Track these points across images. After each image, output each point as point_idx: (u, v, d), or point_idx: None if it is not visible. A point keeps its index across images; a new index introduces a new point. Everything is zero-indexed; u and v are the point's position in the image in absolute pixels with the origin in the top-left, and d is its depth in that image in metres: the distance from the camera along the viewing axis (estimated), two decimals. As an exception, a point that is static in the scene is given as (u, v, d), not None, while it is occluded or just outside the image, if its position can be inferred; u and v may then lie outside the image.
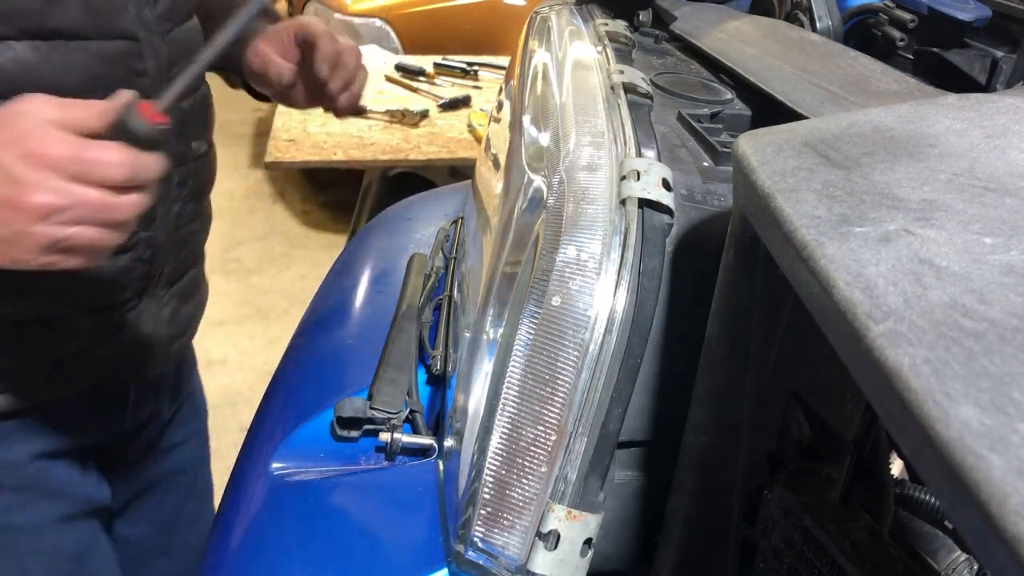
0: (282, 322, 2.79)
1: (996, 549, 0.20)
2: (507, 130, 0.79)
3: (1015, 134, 0.39)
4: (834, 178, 0.36)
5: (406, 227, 1.04)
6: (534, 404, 0.49)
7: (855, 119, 0.43)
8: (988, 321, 0.25)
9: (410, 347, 0.67)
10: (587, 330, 0.48)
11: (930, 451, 0.23)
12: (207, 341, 2.68)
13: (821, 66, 0.66)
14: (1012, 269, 0.28)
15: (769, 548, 0.50)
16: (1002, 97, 0.44)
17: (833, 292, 0.29)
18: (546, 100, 0.68)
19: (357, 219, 2.50)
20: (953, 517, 0.23)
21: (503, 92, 0.98)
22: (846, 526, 0.45)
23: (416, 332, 0.68)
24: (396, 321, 0.69)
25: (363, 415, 0.61)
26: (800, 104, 0.58)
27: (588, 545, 0.49)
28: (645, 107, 0.64)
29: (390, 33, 3.27)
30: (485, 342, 0.56)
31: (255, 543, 0.59)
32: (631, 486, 0.56)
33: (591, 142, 0.57)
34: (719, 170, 0.58)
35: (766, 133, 0.43)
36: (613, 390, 0.48)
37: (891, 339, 0.26)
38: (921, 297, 0.27)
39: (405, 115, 2.24)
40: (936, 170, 0.35)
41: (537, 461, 0.49)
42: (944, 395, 0.23)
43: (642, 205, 0.51)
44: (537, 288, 0.50)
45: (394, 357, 0.65)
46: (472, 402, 0.55)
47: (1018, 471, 0.21)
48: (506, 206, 0.64)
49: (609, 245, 0.50)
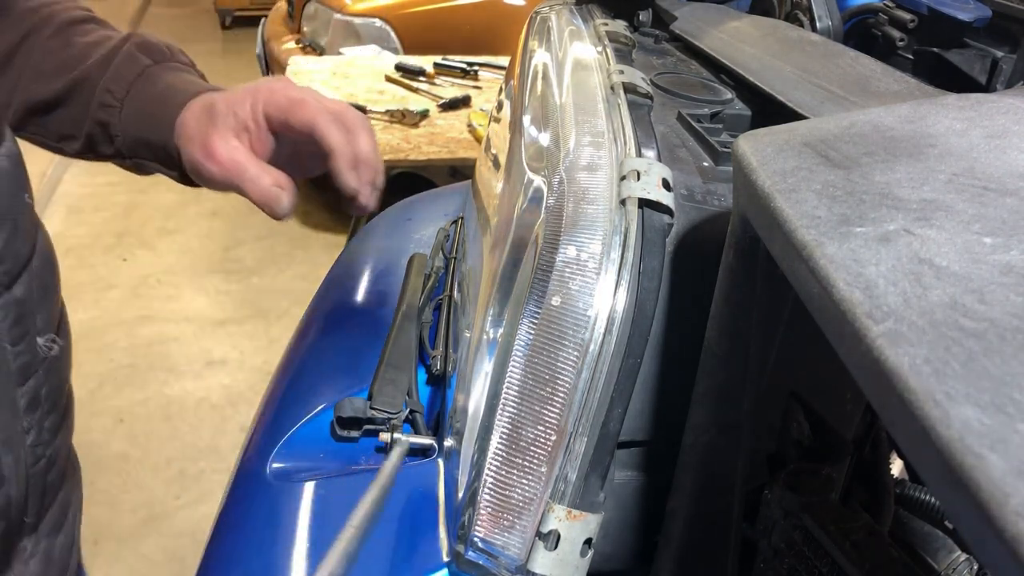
0: (282, 322, 2.79)
1: (996, 549, 0.20)
2: (507, 130, 0.79)
3: (1015, 134, 0.39)
4: (834, 178, 0.36)
5: (406, 227, 1.04)
6: (534, 404, 0.49)
7: (855, 119, 0.42)
8: (988, 321, 0.25)
9: (410, 347, 0.66)
10: (587, 330, 0.48)
11: (930, 451, 0.23)
12: (207, 341, 2.69)
13: (821, 66, 0.66)
14: (1012, 269, 0.28)
15: (769, 548, 0.50)
16: (1002, 97, 0.44)
17: (833, 292, 0.29)
18: (546, 100, 0.68)
19: (357, 219, 2.50)
20: (953, 517, 0.23)
21: (503, 92, 0.98)
22: (846, 526, 0.45)
23: (416, 332, 0.68)
24: (396, 321, 0.69)
25: (363, 415, 0.61)
26: (800, 104, 0.58)
27: (588, 545, 0.49)
28: (645, 107, 0.64)
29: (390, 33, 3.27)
30: (485, 342, 0.56)
31: (255, 543, 0.59)
32: (631, 486, 0.56)
33: (591, 142, 0.57)
34: (719, 170, 0.58)
35: (766, 133, 0.43)
36: (613, 390, 0.48)
37: (891, 339, 0.26)
38: (921, 297, 0.27)
39: (405, 115, 2.24)
40: (936, 170, 0.35)
41: (537, 461, 0.49)
42: (944, 395, 0.23)
43: (642, 205, 0.51)
44: (537, 288, 0.50)
45: (394, 357, 0.65)
46: (472, 402, 0.55)
47: (1018, 471, 0.21)
48: (506, 206, 0.64)
49: (609, 245, 0.50)
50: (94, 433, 2.27)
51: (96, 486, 2.14)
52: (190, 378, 2.54)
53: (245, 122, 0.60)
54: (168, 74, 0.65)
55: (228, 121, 0.59)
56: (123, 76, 0.65)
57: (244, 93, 0.60)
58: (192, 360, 2.62)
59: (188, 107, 0.62)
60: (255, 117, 0.60)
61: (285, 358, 0.83)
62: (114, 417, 2.34)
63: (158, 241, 3.25)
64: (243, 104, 0.60)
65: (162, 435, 2.31)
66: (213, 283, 2.99)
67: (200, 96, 0.62)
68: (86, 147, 0.68)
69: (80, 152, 0.68)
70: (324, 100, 0.60)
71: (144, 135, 0.64)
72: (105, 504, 2.09)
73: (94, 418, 2.32)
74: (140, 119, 0.64)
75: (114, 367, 2.54)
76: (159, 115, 0.63)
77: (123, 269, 3.10)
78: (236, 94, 0.61)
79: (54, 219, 3.40)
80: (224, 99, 0.60)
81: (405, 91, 2.46)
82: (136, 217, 3.39)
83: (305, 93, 0.60)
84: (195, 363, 2.61)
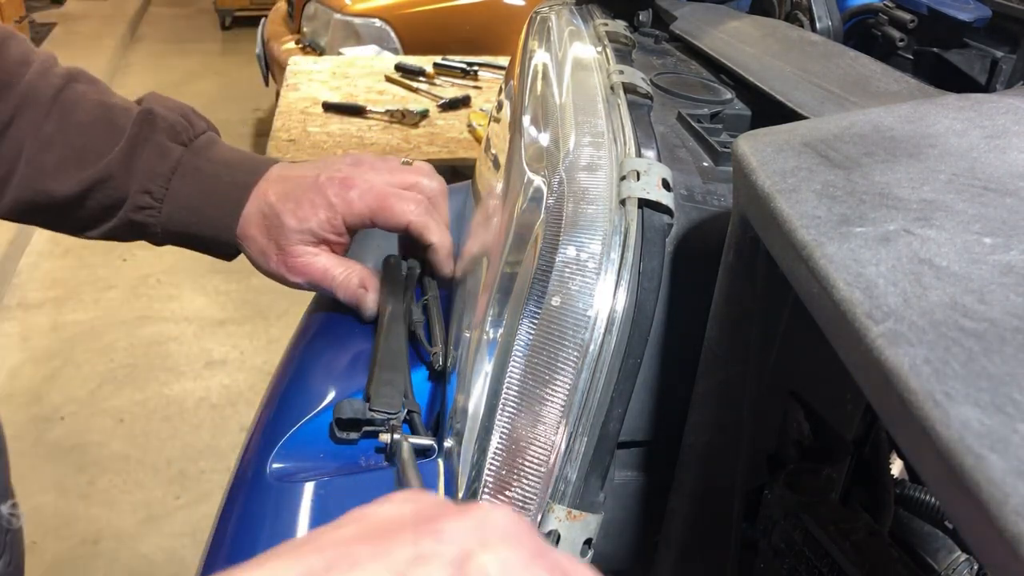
0: (282, 322, 2.80)
1: (996, 549, 0.20)
2: (507, 130, 0.79)
3: (1015, 134, 0.39)
4: (834, 178, 0.36)
5: (406, 227, 1.04)
6: (534, 404, 0.49)
7: (855, 119, 0.42)
8: (988, 321, 0.25)
9: (401, 346, 0.66)
10: (587, 330, 0.48)
11: (930, 451, 0.23)
12: (207, 341, 2.70)
13: (821, 66, 0.66)
14: (1012, 269, 0.28)
15: (769, 548, 0.50)
16: (1002, 97, 0.44)
17: (833, 292, 0.29)
18: (546, 100, 0.68)
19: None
20: (953, 517, 0.23)
21: (503, 92, 0.98)
22: (846, 526, 0.45)
23: (406, 330, 0.68)
24: (383, 323, 0.68)
25: (362, 417, 0.61)
26: (800, 104, 0.58)
27: (588, 545, 0.49)
28: (645, 107, 0.64)
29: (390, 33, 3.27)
30: (485, 342, 0.56)
31: (255, 543, 0.59)
32: (631, 486, 0.56)
33: (591, 142, 0.57)
34: (719, 170, 0.58)
35: (766, 133, 0.43)
36: (613, 390, 0.48)
37: (891, 339, 0.26)
38: (921, 297, 0.27)
39: (405, 115, 2.25)
40: (936, 170, 0.35)
41: (537, 461, 0.49)
42: (944, 395, 0.23)
43: (642, 205, 0.51)
44: (537, 288, 0.50)
45: (387, 357, 0.65)
46: (472, 402, 0.55)
47: (1018, 471, 0.21)
48: (506, 206, 0.64)
49: (609, 245, 0.50)
50: (94, 433, 2.27)
51: (96, 486, 2.14)
52: (190, 378, 2.54)
53: (323, 236, 0.60)
54: (203, 160, 0.63)
55: (305, 238, 0.59)
56: (158, 173, 0.61)
57: (315, 206, 0.58)
58: (192, 360, 2.62)
59: (246, 214, 0.60)
60: (336, 230, 0.59)
61: (285, 358, 0.83)
62: (114, 417, 2.34)
63: (158, 241, 3.25)
64: (316, 215, 0.58)
65: (162, 435, 2.31)
66: (213, 283, 2.99)
67: (257, 196, 0.60)
68: (107, 236, 0.64)
69: (98, 238, 0.65)
70: (401, 188, 0.58)
71: (191, 231, 0.63)
72: (105, 504, 2.09)
73: (94, 418, 2.32)
74: (185, 216, 0.62)
75: (114, 367, 2.54)
76: (209, 213, 0.62)
77: (123, 269, 3.10)
78: (303, 206, 0.58)
79: (54, 219, 3.40)
80: (291, 212, 0.58)
81: (405, 91, 2.46)
82: (136, 217, 3.38)
83: (380, 187, 0.58)
84: (195, 363, 2.61)
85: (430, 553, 0.25)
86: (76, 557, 1.97)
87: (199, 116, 0.67)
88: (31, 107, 0.61)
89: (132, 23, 5.98)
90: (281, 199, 0.60)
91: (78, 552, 1.98)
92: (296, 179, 0.61)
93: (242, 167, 0.63)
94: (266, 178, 0.63)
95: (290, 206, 0.59)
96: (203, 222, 0.62)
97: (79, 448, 2.23)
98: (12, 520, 0.57)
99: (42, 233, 3.30)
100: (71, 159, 0.61)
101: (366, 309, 0.62)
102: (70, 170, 0.61)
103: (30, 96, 0.62)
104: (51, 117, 0.62)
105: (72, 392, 2.43)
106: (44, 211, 0.62)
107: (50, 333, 2.69)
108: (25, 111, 0.61)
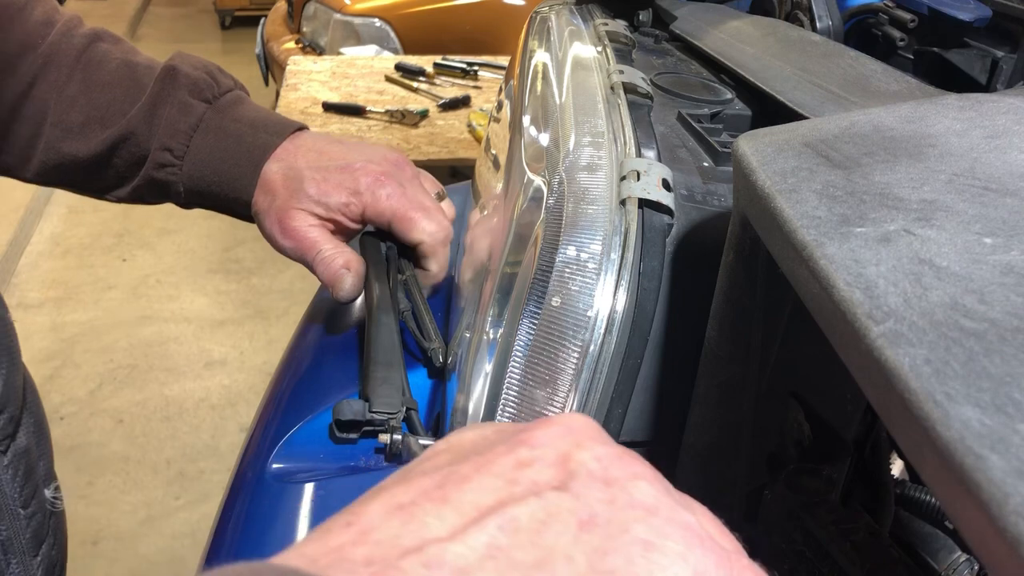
0: (282, 322, 2.80)
1: (996, 549, 0.20)
2: (507, 130, 0.79)
3: (1015, 134, 0.39)
4: (834, 178, 0.36)
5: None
6: (534, 404, 0.49)
7: (855, 119, 0.42)
8: (988, 321, 0.25)
9: (394, 341, 0.65)
10: (587, 330, 0.48)
11: (930, 451, 0.23)
12: (207, 341, 2.70)
13: (821, 66, 0.66)
14: (1012, 269, 0.28)
15: (769, 548, 0.50)
16: (1002, 97, 0.44)
17: (833, 292, 0.29)
18: (546, 100, 0.68)
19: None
20: (953, 517, 0.23)
21: (503, 92, 0.98)
22: (846, 526, 0.45)
23: (397, 324, 0.66)
24: (372, 314, 0.66)
25: (362, 417, 0.61)
26: (800, 104, 0.58)
27: (588, 545, 0.49)
28: (645, 107, 0.64)
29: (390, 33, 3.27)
30: (485, 342, 0.56)
31: (255, 543, 0.59)
32: (631, 486, 0.56)
33: (591, 142, 0.57)
34: (719, 170, 0.58)
35: (766, 133, 0.43)
36: (613, 391, 0.48)
37: (891, 339, 0.26)
38: (921, 297, 0.27)
39: (405, 115, 2.24)
40: (936, 170, 0.35)
41: (537, 461, 0.49)
42: (944, 395, 0.23)
43: (642, 205, 0.51)
44: (537, 288, 0.50)
45: (380, 354, 0.64)
46: (472, 402, 0.55)
47: (1018, 471, 0.21)
48: (506, 206, 0.64)
49: (609, 245, 0.50)
50: (94, 433, 2.28)
51: (96, 486, 2.14)
52: (190, 378, 2.54)
53: (334, 215, 0.59)
54: (227, 119, 0.62)
55: (316, 209, 0.59)
56: (179, 130, 0.60)
57: (340, 187, 0.58)
58: (192, 360, 2.62)
59: (266, 171, 0.60)
60: (351, 215, 0.59)
61: (285, 358, 0.83)
62: (114, 418, 2.34)
63: (158, 241, 3.25)
64: (338, 196, 0.58)
65: (162, 436, 2.31)
66: (213, 283, 2.99)
67: (282, 158, 0.60)
68: (133, 198, 0.64)
69: (124, 200, 0.65)
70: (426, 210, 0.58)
71: (212, 190, 0.62)
72: (105, 504, 2.09)
73: (94, 418, 2.32)
74: (206, 174, 0.62)
75: (114, 367, 2.54)
76: (230, 173, 0.61)
77: (123, 269, 3.10)
78: (330, 181, 0.58)
79: (53, 219, 3.40)
80: (315, 182, 0.58)
81: (405, 91, 2.46)
82: (136, 217, 3.38)
83: (411, 196, 0.58)
84: (195, 363, 2.61)
85: (530, 458, 0.26)
86: (76, 558, 1.97)
87: (225, 74, 0.66)
88: (55, 68, 0.61)
89: (132, 23, 5.98)
90: (311, 168, 0.59)
91: (78, 553, 1.98)
92: (333, 156, 0.60)
93: (267, 128, 0.63)
94: (297, 144, 0.62)
95: (317, 177, 0.59)
96: (224, 182, 0.61)
97: (79, 448, 2.23)
98: (56, 503, 0.58)
99: (42, 233, 3.30)
100: (95, 118, 0.61)
101: (341, 290, 0.60)
102: (94, 129, 0.60)
103: (54, 57, 0.61)
104: (74, 77, 0.61)
105: (72, 392, 2.43)
106: (71, 172, 0.62)
107: (50, 333, 2.69)
108: (49, 72, 0.61)
